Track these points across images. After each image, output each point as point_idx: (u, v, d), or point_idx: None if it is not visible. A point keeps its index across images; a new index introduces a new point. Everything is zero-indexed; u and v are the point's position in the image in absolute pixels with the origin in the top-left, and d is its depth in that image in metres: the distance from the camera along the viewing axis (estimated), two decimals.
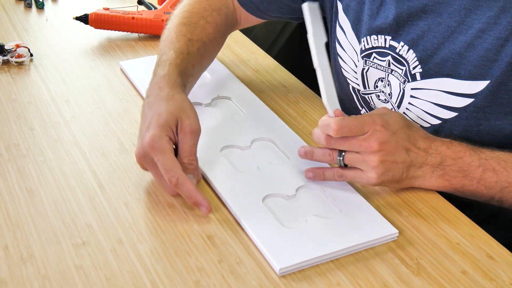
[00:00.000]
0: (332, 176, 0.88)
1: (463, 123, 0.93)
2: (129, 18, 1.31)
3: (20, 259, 0.77)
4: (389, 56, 0.99)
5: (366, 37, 1.02)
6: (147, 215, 0.84)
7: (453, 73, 0.92)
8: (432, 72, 0.94)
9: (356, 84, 1.07)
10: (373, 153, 0.84)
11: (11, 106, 1.07)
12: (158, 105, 0.89)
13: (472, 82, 0.91)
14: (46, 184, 0.89)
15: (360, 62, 1.04)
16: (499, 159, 0.87)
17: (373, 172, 0.85)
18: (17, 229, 0.81)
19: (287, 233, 0.80)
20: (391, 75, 1.00)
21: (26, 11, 1.43)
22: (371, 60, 1.02)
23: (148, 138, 0.85)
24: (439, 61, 0.93)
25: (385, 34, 0.99)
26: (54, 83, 1.15)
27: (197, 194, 0.83)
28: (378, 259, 0.79)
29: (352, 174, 0.87)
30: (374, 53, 1.01)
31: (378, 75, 1.02)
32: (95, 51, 1.27)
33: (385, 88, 1.01)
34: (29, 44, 1.25)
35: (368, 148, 0.84)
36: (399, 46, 0.97)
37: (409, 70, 0.96)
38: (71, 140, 0.99)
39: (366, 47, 1.02)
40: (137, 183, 0.90)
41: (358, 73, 1.05)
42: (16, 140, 0.99)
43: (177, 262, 0.77)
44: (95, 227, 0.82)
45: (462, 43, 0.91)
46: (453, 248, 0.81)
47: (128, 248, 0.79)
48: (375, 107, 1.05)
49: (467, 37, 0.90)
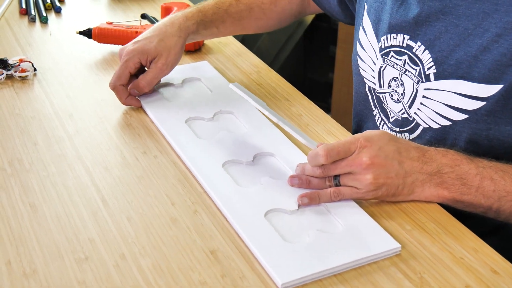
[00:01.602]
0: (328, 197, 0.88)
1: (473, 126, 0.93)
2: (133, 33, 1.31)
3: (23, 275, 0.77)
4: (405, 55, 1.00)
5: (386, 35, 1.03)
6: (150, 230, 0.84)
7: (467, 76, 0.92)
8: (446, 74, 0.95)
9: (372, 83, 1.08)
10: (365, 170, 0.85)
11: (15, 121, 1.08)
12: (157, 34, 1.12)
13: (485, 85, 0.91)
14: (49, 199, 0.89)
15: (379, 60, 1.05)
16: (497, 168, 0.87)
17: (368, 188, 0.86)
18: (20, 245, 0.81)
19: (289, 248, 0.80)
20: (404, 75, 1.01)
21: (30, 25, 1.44)
22: (389, 58, 1.03)
23: (129, 48, 1.11)
24: (454, 62, 0.94)
25: (404, 33, 1.00)
26: (58, 98, 1.15)
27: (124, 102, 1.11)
28: (381, 273, 0.78)
29: (349, 192, 0.88)
30: (392, 51, 1.03)
31: (392, 74, 1.03)
32: (98, 65, 1.28)
33: (398, 88, 1.02)
34: (32, 59, 1.25)
35: (359, 166, 0.85)
36: (416, 46, 0.98)
37: (424, 70, 0.97)
38: (74, 155, 0.99)
39: (385, 45, 1.03)
40: (140, 197, 0.90)
41: (375, 71, 1.06)
42: (20, 155, 0.99)
43: (180, 277, 0.77)
44: (97, 242, 0.82)
45: (478, 46, 0.91)
46: (457, 262, 0.80)
47: (131, 263, 0.79)
48: (387, 107, 1.06)
49: (483, 41, 0.91)
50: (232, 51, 1.33)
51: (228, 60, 1.29)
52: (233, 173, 0.94)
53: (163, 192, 0.91)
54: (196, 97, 1.14)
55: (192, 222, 0.86)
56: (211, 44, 1.36)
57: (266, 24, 1.28)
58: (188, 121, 1.06)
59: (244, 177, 0.93)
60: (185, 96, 1.15)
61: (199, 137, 1.02)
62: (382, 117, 1.08)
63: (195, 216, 0.87)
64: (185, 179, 0.94)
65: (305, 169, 0.90)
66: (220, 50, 1.33)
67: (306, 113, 1.12)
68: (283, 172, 0.95)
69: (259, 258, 0.79)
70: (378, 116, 1.09)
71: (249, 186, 0.91)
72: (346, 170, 0.87)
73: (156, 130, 1.05)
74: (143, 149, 1.01)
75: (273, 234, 0.82)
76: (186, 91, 1.17)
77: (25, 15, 1.48)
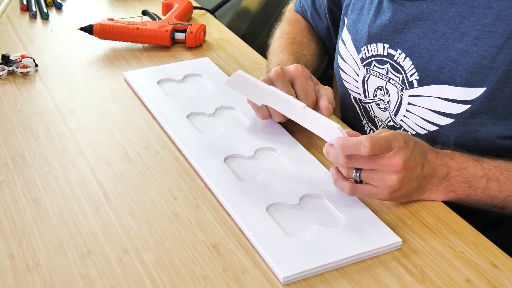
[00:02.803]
0: (342, 188, 0.87)
1: (460, 129, 0.94)
2: (134, 29, 1.31)
3: (26, 269, 0.77)
4: (387, 64, 1.01)
5: (366, 45, 1.04)
6: (152, 224, 0.85)
7: (450, 80, 0.93)
8: (429, 79, 0.95)
9: (358, 94, 1.08)
10: (394, 172, 0.83)
11: (17, 117, 1.08)
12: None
13: (468, 88, 0.91)
14: (51, 194, 0.90)
15: (361, 71, 1.06)
16: (502, 169, 0.87)
17: (388, 190, 0.84)
18: (23, 239, 0.82)
19: (291, 242, 0.81)
20: (388, 83, 1.01)
21: (31, 22, 1.44)
22: (372, 68, 1.04)
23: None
24: (436, 68, 0.94)
25: (383, 42, 1.00)
26: (59, 93, 1.15)
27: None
28: (382, 267, 0.79)
29: (365, 192, 0.85)
30: (374, 61, 1.03)
31: (377, 84, 1.04)
32: (99, 61, 1.28)
33: (384, 96, 1.03)
34: (34, 55, 1.26)
35: (391, 167, 0.83)
36: (396, 54, 0.99)
37: (406, 77, 0.98)
38: (76, 150, 0.99)
39: (367, 56, 1.04)
40: (142, 192, 0.90)
41: (359, 82, 1.07)
42: (22, 150, 0.99)
43: (182, 270, 0.78)
44: (100, 236, 0.83)
45: (458, 50, 0.92)
46: (457, 256, 0.81)
47: (133, 257, 0.79)
48: (374, 117, 1.06)
49: (462, 44, 0.91)
50: (233, 47, 1.33)
51: (229, 56, 1.30)
52: (234, 167, 0.94)
53: (165, 187, 0.92)
54: (197, 93, 1.14)
55: (194, 217, 0.86)
56: (212, 40, 1.36)
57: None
58: (190, 116, 1.07)
59: (246, 172, 0.94)
60: (186, 92, 1.15)
61: (201, 132, 1.02)
62: (371, 126, 1.09)
63: (197, 210, 0.87)
64: (187, 174, 0.94)
65: (329, 153, 0.86)
66: (221, 46, 1.34)
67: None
68: (284, 167, 0.95)
69: (261, 252, 0.80)
70: (367, 126, 1.10)
71: (250, 181, 0.92)
72: (376, 167, 0.83)
73: (158, 125, 1.06)
74: (145, 144, 1.01)
75: (275, 228, 0.83)
76: (187, 87, 1.17)
77: (26, 12, 1.48)
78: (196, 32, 1.32)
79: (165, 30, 1.31)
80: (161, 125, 1.05)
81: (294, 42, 1.20)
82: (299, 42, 1.21)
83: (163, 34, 1.31)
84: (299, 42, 1.21)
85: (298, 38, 1.22)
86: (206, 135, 1.01)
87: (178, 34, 1.33)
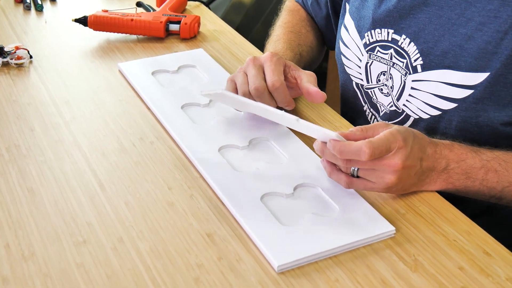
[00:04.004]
0: (338, 180, 0.87)
1: (462, 114, 0.94)
2: (128, 20, 1.31)
3: (21, 258, 0.78)
4: (391, 49, 1.01)
5: (370, 31, 1.04)
6: (147, 214, 0.85)
7: (454, 65, 0.93)
8: (433, 64, 0.96)
9: (360, 80, 1.09)
10: (393, 171, 0.83)
11: (11, 108, 1.08)
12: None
13: (472, 74, 0.92)
14: (46, 184, 0.90)
15: (364, 57, 1.06)
16: (500, 160, 0.88)
17: (385, 186, 0.84)
18: (19, 228, 0.82)
19: (285, 231, 0.81)
20: (393, 68, 1.02)
21: (25, 13, 1.44)
22: (375, 53, 1.04)
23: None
24: (440, 53, 0.95)
25: (388, 27, 1.01)
26: (54, 85, 1.15)
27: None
28: (376, 256, 0.79)
29: (362, 186, 0.85)
30: (378, 46, 1.03)
31: (380, 69, 1.04)
32: (94, 53, 1.28)
33: (387, 81, 1.03)
34: (28, 46, 1.26)
35: (390, 167, 0.82)
36: (401, 39, 0.99)
37: (410, 62, 0.98)
38: (71, 141, 1.00)
39: (370, 41, 1.04)
40: (137, 182, 0.91)
41: (362, 67, 1.07)
42: (17, 141, 0.99)
43: (177, 259, 0.78)
44: (95, 225, 0.83)
45: (463, 36, 0.92)
46: (450, 245, 0.81)
47: (129, 246, 0.80)
48: (377, 102, 1.07)
49: (467, 30, 0.92)
50: (228, 39, 1.34)
51: (223, 48, 1.30)
52: (229, 157, 0.95)
53: (160, 177, 0.92)
54: (191, 84, 1.15)
55: (189, 206, 0.87)
56: (207, 32, 1.36)
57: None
58: (184, 107, 1.07)
59: (240, 162, 0.94)
60: (180, 83, 1.15)
61: (195, 122, 1.03)
62: (372, 111, 1.10)
63: (192, 200, 0.88)
64: (181, 164, 0.95)
65: (325, 152, 0.85)
66: (215, 38, 1.34)
67: (299, 98, 1.12)
68: (278, 157, 0.96)
69: (255, 241, 0.80)
70: (368, 111, 1.11)
71: (244, 171, 0.92)
72: (375, 167, 0.83)
73: (152, 116, 1.06)
74: (139, 135, 1.01)
75: (269, 217, 0.83)
76: (182, 78, 1.17)
77: (20, 3, 1.48)
78: (191, 23, 1.32)
79: (160, 22, 1.31)
80: (155, 115, 1.06)
81: (292, 31, 1.21)
82: (297, 32, 1.21)
83: (158, 26, 1.31)
84: (297, 32, 1.21)
85: (296, 28, 1.22)
86: (200, 126, 1.02)
87: (173, 25, 1.33)
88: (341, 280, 0.76)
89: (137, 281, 0.75)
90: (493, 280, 0.76)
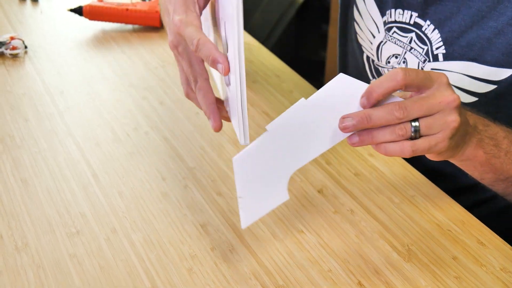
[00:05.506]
0: (400, 151, 0.68)
1: (481, 109, 0.89)
2: (123, 10, 1.31)
3: (14, 249, 0.78)
4: (412, 33, 0.96)
5: (391, 9, 0.98)
6: (141, 204, 0.85)
7: (479, 58, 0.90)
8: (456, 55, 0.92)
9: (371, 55, 1.04)
10: (454, 109, 0.68)
11: (6, 98, 1.08)
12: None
13: (497, 69, 0.89)
14: (40, 174, 0.90)
15: (380, 35, 1.01)
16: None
17: (450, 133, 0.69)
18: (12, 219, 0.82)
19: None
20: (409, 52, 0.97)
21: (21, 3, 1.43)
22: (391, 34, 0.99)
23: (177, 21, 0.73)
24: (465, 44, 0.91)
25: (412, 10, 0.95)
26: (48, 75, 1.15)
27: (216, 52, 0.69)
28: (369, 245, 0.79)
29: (426, 144, 0.68)
30: (395, 27, 0.98)
31: (394, 51, 0.99)
32: (89, 43, 1.27)
33: (399, 65, 0.98)
34: (23, 36, 1.25)
35: (449, 103, 0.68)
36: (425, 24, 0.94)
37: (432, 50, 0.94)
38: (65, 131, 0.99)
39: (389, 20, 0.99)
40: (131, 172, 0.91)
41: (374, 44, 1.03)
42: (11, 131, 0.99)
43: (170, 250, 0.78)
44: (89, 216, 0.83)
45: (492, 29, 0.88)
46: (444, 234, 0.81)
47: (122, 236, 0.80)
48: None
49: (498, 24, 0.88)
50: None
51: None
52: None
53: (154, 167, 0.92)
54: None
55: (183, 197, 0.86)
56: None
57: None
58: None
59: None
60: None
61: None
62: None
63: (186, 190, 0.88)
64: (175, 154, 0.95)
65: (372, 116, 0.67)
66: None
67: (297, 89, 1.12)
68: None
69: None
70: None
71: None
72: (433, 108, 0.68)
73: (147, 105, 1.06)
74: (133, 125, 1.01)
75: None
76: None
77: None
78: None
79: (155, 11, 1.31)
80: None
81: None
82: None
83: (153, 15, 1.30)
84: None
85: None
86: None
87: None
88: (334, 270, 0.75)
89: (130, 271, 0.75)
90: (487, 270, 0.76)
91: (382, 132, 0.68)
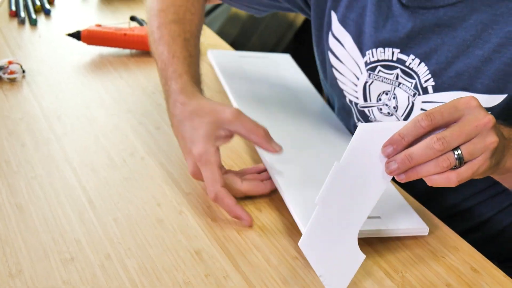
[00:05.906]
0: (447, 180, 0.70)
1: None
2: (121, 35, 1.32)
3: (8, 275, 0.78)
4: (397, 69, 0.96)
5: (371, 49, 0.98)
6: (136, 230, 0.85)
7: (469, 87, 0.90)
8: (446, 86, 0.92)
9: (355, 98, 1.04)
10: (491, 130, 0.69)
11: (3, 123, 1.08)
12: (191, 120, 0.91)
13: (489, 96, 0.89)
14: (36, 200, 0.90)
15: (363, 75, 1.01)
16: None
17: (490, 154, 0.70)
18: (6, 245, 0.82)
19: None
20: (398, 88, 0.97)
21: (19, 27, 1.44)
22: (376, 73, 0.99)
23: (196, 153, 0.88)
24: (454, 74, 0.91)
25: (393, 47, 0.96)
26: (46, 100, 1.16)
27: (236, 208, 0.86)
28: (363, 272, 0.79)
29: (470, 170, 0.70)
30: (379, 66, 0.98)
31: (382, 88, 0.99)
32: (87, 67, 1.28)
33: (390, 101, 0.98)
34: (22, 61, 1.26)
35: (485, 125, 0.69)
36: (408, 59, 0.95)
37: (420, 83, 0.94)
38: (62, 156, 1.00)
39: (371, 60, 0.99)
40: (126, 198, 0.91)
41: (359, 86, 1.03)
42: (7, 157, 0.99)
43: (165, 277, 0.78)
44: (83, 242, 0.83)
45: (479, 57, 0.89)
46: (438, 261, 0.81)
47: (116, 263, 0.80)
48: (375, 121, 1.02)
49: (484, 51, 0.88)
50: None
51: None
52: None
53: (150, 193, 0.92)
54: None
55: (178, 223, 0.87)
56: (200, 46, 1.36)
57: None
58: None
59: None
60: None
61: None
62: None
63: (181, 216, 0.88)
64: (171, 180, 0.95)
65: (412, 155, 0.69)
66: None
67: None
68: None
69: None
70: None
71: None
72: (472, 132, 0.69)
73: (144, 131, 1.06)
74: (130, 150, 1.02)
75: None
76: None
77: (14, 17, 1.49)
78: None
79: None
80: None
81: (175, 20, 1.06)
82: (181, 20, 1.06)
83: None
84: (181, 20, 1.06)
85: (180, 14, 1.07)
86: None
87: None
88: None
89: None
90: None
91: (426, 167, 0.69)
